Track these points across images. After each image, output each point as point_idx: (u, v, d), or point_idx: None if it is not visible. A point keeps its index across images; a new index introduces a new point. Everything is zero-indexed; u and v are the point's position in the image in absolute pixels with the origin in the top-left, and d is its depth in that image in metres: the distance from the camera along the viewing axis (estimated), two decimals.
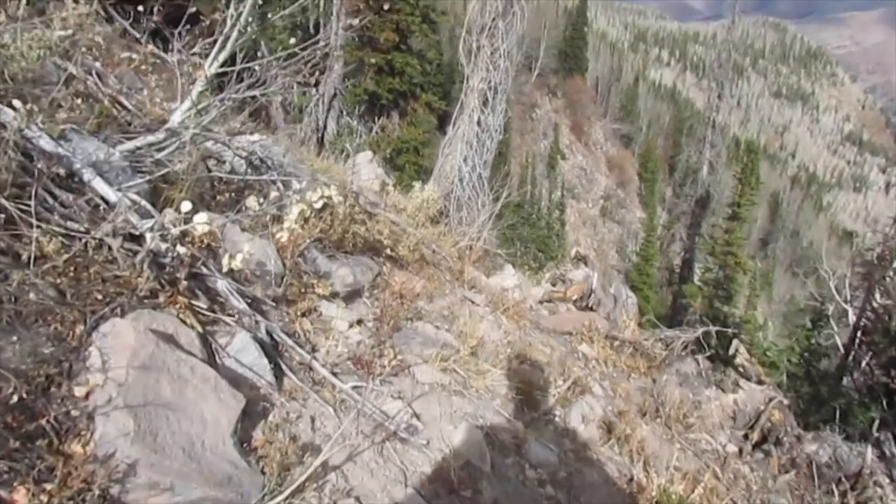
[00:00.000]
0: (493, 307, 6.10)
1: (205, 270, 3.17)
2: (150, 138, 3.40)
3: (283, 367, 3.37)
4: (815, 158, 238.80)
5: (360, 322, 4.22)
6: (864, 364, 10.09)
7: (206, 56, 3.71)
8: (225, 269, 3.06)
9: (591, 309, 8.66)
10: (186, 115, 3.55)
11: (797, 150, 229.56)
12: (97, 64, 4.08)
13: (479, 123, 10.11)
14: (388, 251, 5.11)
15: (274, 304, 3.67)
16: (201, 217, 2.87)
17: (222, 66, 3.68)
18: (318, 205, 3.39)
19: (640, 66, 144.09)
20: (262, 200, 3.37)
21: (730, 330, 8.04)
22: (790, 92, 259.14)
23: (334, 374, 3.52)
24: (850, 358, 10.42)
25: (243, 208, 3.40)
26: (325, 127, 16.13)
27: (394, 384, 3.88)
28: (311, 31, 16.26)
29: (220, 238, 3.32)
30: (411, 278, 5.21)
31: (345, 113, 15.73)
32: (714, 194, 25.85)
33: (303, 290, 4.00)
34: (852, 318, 11.14)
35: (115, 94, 3.87)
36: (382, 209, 5.60)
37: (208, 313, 3.16)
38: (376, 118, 15.48)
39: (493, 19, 9.66)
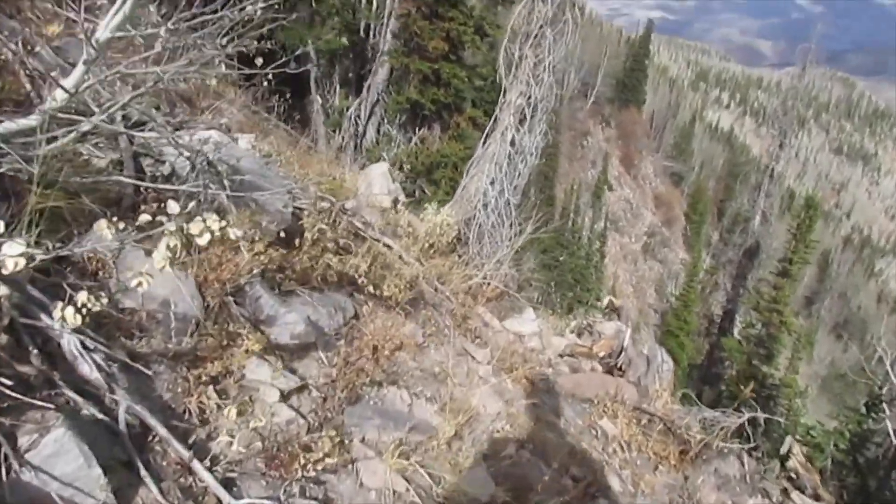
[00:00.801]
0: (497, 365, 4.95)
1: (45, 319, 2.16)
2: (14, 124, 2.41)
3: (145, 471, 2.26)
4: (871, 221, 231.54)
5: (301, 389, 3.12)
6: None
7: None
8: (57, 319, 2.02)
9: (619, 370, 7.48)
10: (73, 95, 2.52)
11: (853, 210, 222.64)
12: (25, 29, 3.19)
13: (512, 143, 8.84)
14: (370, 287, 4.01)
15: (172, 362, 2.62)
16: (12, 247, 1.86)
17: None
18: (203, 240, 2.27)
19: (699, 106, 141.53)
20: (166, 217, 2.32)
21: (782, 420, 6.76)
22: (851, 150, 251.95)
23: (228, 481, 2.40)
24: None
25: (148, 226, 2.36)
26: (364, 133, 15.33)
27: (323, 490, 2.72)
28: (362, 34, 15.54)
29: (111, 268, 2.34)
30: (397, 323, 4.13)
31: (386, 121, 14.90)
32: (764, 246, 24.30)
33: (224, 344, 2.90)
34: None
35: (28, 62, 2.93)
36: (377, 232, 4.55)
37: (12, 394, 2.08)
38: (417, 129, 14.52)
39: (541, 27, 8.26)
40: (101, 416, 2.21)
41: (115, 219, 2.20)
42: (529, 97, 8.34)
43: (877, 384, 12.04)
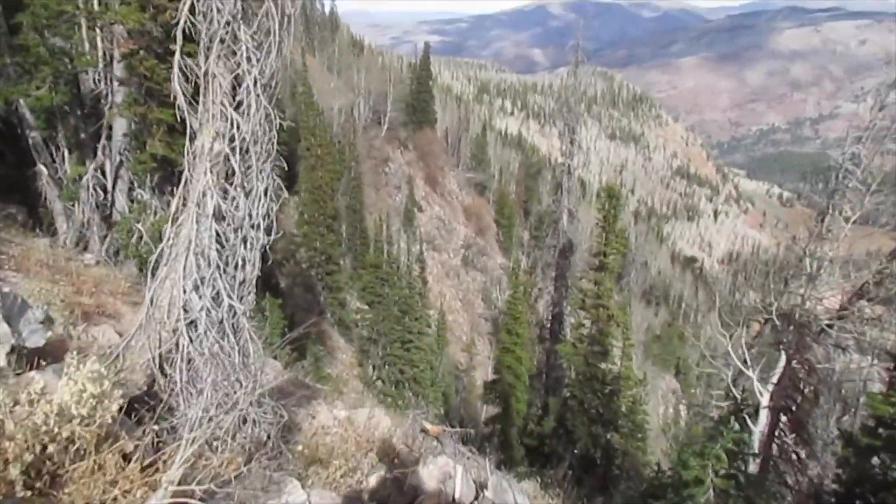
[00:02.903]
0: None
1: None
2: None
3: None
4: (651, 193, 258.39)
5: None
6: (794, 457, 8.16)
7: None
8: None
9: None
10: None
11: (635, 186, 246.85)
12: None
13: (217, 215, 5.73)
14: None
15: None
16: None
17: None
18: None
19: (486, 117, 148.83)
20: None
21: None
22: (623, 134, 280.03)
23: None
24: (775, 448, 8.50)
25: None
26: (113, 203, 12.64)
27: None
28: (92, 83, 12.90)
29: None
30: None
31: (136, 184, 12.29)
32: (576, 243, 24.64)
33: None
34: (764, 400, 9.29)
35: None
36: None
37: None
38: (175, 189, 12.06)
39: (228, 24, 5.40)
40: None
41: None
42: (233, 138, 5.63)
43: (735, 399, 11.64)
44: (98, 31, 11.89)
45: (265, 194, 5.81)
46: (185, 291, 5.69)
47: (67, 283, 8.19)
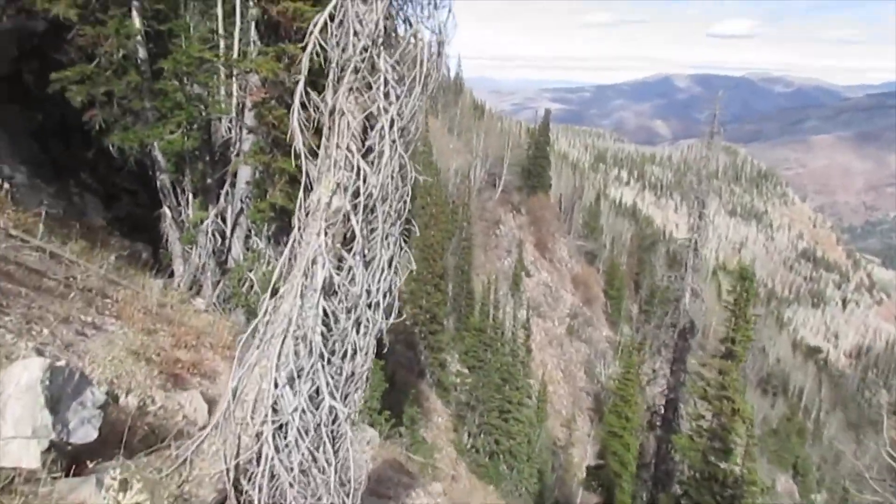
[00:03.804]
0: None
1: None
2: None
3: None
4: (772, 274, 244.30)
5: None
6: None
7: None
8: None
9: None
10: None
11: (755, 266, 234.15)
12: None
13: (328, 290, 4.59)
14: None
15: None
16: None
17: None
18: None
19: (601, 185, 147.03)
20: None
21: None
22: (744, 210, 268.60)
23: None
24: None
25: None
26: (229, 249, 12.72)
27: None
28: (224, 131, 13.27)
29: None
30: None
31: (253, 233, 12.32)
32: (698, 325, 22.85)
33: None
34: None
35: None
36: None
37: None
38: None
39: (365, 49, 4.28)
40: None
41: None
42: (357, 192, 4.51)
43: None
44: (234, 79, 12.21)
45: (389, 265, 4.63)
46: (276, 385, 4.49)
47: (168, 334, 7.97)
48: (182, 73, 11.56)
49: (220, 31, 12.38)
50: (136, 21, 11.59)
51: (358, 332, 4.63)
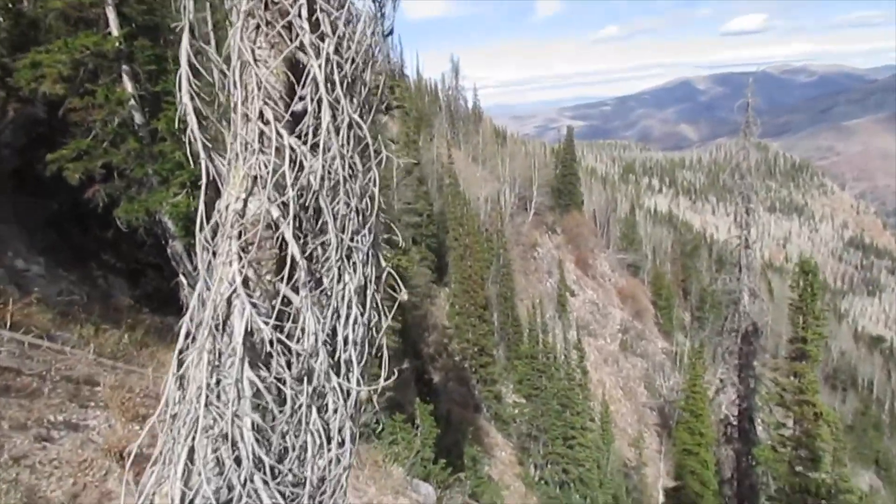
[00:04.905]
0: None
1: None
2: None
3: None
4: (822, 266, 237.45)
5: None
6: None
7: None
8: None
9: None
10: None
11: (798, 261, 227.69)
12: None
13: (257, 352, 2.74)
14: None
15: None
16: None
17: None
18: None
19: (634, 196, 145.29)
20: None
21: None
22: (783, 205, 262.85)
23: None
24: None
25: None
26: None
27: None
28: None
29: None
30: None
31: None
32: (761, 327, 21.70)
33: None
34: None
35: None
36: None
37: None
38: None
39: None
40: None
41: None
42: (285, 185, 2.79)
43: None
44: None
45: (360, 298, 2.84)
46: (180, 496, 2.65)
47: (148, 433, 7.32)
48: (178, 132, 11.27)
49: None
50: (129, 86, 11.37)
51: (324, 413, 2.72)
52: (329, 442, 2.65)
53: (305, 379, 2.59)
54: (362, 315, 2.79)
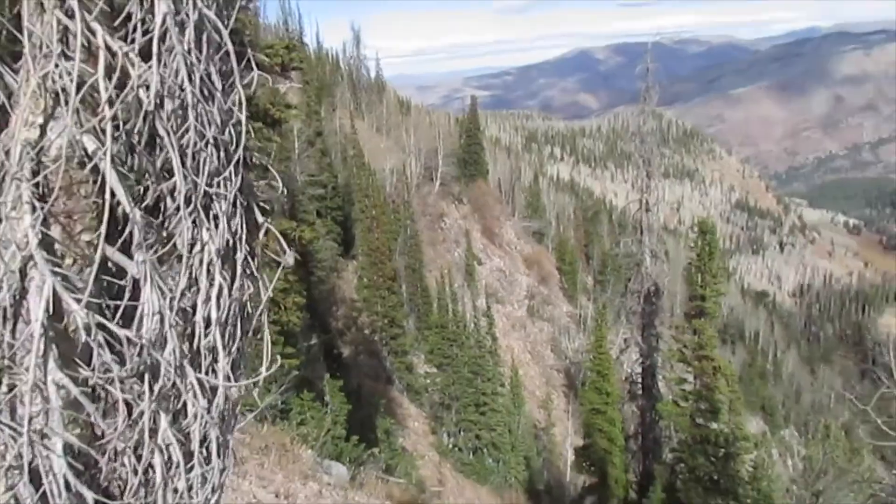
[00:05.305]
0: None
1: None
2: None
3: None
4: None
5: None
6: None
7: None
8: None
9: None
10: None
11: (693, 222, 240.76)
12: None
13: (65, 347, 1.79)
14: None
15: None
16: None
17: None
18: None
19: (537, 165, 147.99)
20: None
21: None
22: (676, 171, 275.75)
23: None
24: None
25: None
26: None
27: None
28: None
29: None
30: None
31: None
32: (662, 288, 22.34)
33: None
34: None
35: None
36: None
37: None
38: None
39: None
40: None
41: None
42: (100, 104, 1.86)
43: None
44: None
45: (233, 266, 2.07)
46: None
47: None
48: None
49: None
50: None
51: (179, 417, 1.90)
52: (189, 459, 1.81)
53: (147, 377, 1.74)
54: (230, 286, 1.99)
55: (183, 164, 1.79)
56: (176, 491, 1.75)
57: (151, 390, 1.69)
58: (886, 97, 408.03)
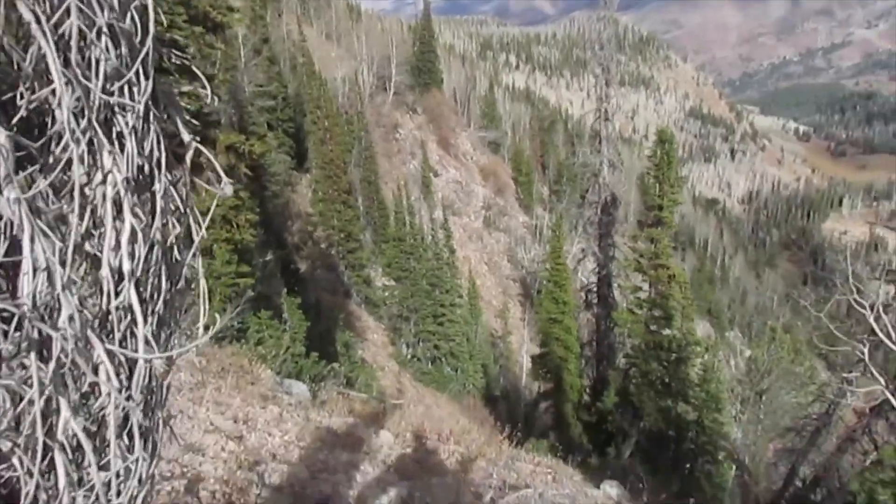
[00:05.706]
0: None
1: None
2: None
3: None
4: None
5: None
6: None
7: None
8: None
9: None
10: None
11: (648, 131, 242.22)
12: None
13: None
14: None
15: None
16: None
17: None
18: None
19: (492, 73, 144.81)
20: None
21: None
22: (632, 79, 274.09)
23: None
24: None
25: None
26: None
27: None
28: None
29: None
30: None
31: None
32: (620, 198, 22.30)
33: None
34: None
35: None
36: None
37: None
38: None
39: None
40: None
41: None
42: None
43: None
44: None
45: (152, 201, 1.48)
46: None
47: None
48: None
49: None
50: None
51: (87, 401, 1.36)
52: (103, 452, 1.36)
53: (34, 355, 1.23)
54: (147, 226, 1.46)
55: (67, 62, 1.28)
56: (91, 490, 1.36)
57: (43, 370, 1.26)
58: (841, 1, 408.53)
